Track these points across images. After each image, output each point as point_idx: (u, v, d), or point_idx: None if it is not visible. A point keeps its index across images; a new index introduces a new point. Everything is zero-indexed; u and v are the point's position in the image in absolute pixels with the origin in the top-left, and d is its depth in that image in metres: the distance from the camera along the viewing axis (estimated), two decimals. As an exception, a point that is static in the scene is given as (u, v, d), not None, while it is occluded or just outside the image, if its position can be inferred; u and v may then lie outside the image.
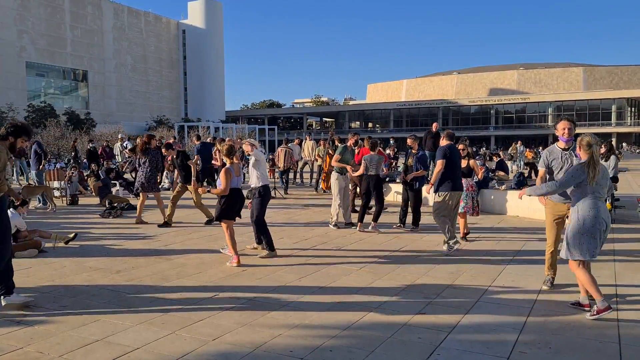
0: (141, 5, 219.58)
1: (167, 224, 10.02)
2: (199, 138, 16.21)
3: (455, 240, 7.63)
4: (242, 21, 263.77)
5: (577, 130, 5.48)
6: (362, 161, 9.67)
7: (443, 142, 8.02)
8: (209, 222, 10.17)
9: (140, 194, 10.59)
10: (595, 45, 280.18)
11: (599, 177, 4.82)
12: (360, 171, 9.67)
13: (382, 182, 10.27)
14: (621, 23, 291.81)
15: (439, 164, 7.69)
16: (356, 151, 11.60)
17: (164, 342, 4.25)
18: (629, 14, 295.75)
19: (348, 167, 9.99)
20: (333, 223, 9.82)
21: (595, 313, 4.74)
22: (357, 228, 9.49)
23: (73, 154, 22.37)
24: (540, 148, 34.88)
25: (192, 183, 10.10)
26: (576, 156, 5.26)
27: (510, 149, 32.76)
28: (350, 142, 10.59)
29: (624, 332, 4.49)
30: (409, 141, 10.15)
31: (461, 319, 4.81)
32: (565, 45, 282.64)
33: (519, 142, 31.47)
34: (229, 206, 6.97)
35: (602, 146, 8.39)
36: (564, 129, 5.56)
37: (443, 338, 4.35)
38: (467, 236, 8.67)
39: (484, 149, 45.50)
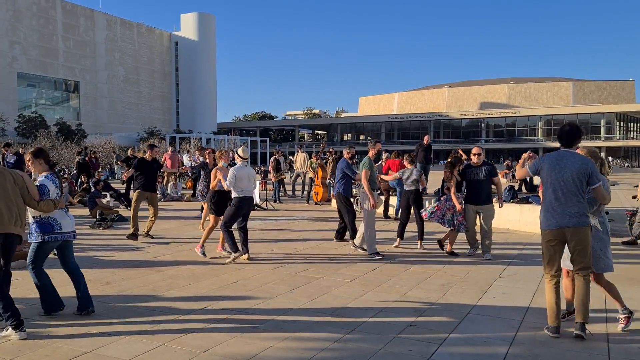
0: (134, 16, 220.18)
1: (135, 235, 9.65)
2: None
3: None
4: (234, 33, 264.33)
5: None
6: (398, 174, 9.28)
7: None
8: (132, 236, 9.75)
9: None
10: (584, 60, 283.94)
11: None
12: (389, 178, 10.10)
13: (422, 197, 9.57)
14: (610, 39, 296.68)
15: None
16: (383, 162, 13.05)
17: (155, 354, 4.23)
18: (617, 29, 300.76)
19: (388, 177, 10.40)
20: (359, 244, 8.68)
21: None
22: (397, 244, 9.05)
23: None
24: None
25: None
26: None
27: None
28: (370, 154, 8.82)
29: (613, 345, 4.52)
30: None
31: (452, 331, 4.82)
32: (555, 60, 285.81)
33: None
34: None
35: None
36: None
37: (434, 350, 4.36)
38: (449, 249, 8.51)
39: None
